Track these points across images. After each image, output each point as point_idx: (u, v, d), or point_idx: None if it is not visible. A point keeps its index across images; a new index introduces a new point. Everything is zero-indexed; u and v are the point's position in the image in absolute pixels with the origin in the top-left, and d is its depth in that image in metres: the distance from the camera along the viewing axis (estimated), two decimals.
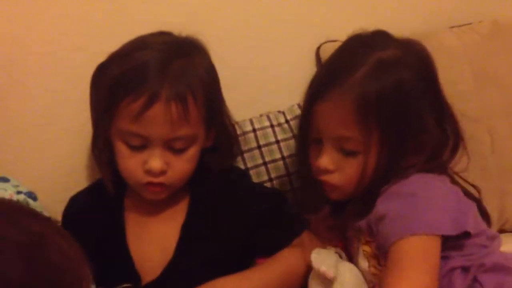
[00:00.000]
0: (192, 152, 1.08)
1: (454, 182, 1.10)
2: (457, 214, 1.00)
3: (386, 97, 1.00)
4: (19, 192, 1.09)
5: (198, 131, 1.07)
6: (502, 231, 1.31)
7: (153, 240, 1.12)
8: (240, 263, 1.13)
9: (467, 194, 1.09)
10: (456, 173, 1.12)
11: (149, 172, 1.05)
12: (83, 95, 1.12)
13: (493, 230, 1.15)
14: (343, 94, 1.00)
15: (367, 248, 1.06)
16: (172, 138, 1.04)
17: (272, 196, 1.20)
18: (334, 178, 1.06)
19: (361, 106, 0.99)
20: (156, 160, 1.04)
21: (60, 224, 1.14)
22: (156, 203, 1.13)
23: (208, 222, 1.12)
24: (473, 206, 1.06)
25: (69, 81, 1.21)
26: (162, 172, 1.05)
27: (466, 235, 1.00)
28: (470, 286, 0.99)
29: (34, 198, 1.11)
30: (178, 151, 1.06)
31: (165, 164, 1.05)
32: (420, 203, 1.00)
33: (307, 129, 1.10)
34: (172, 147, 1.05)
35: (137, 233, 1.13)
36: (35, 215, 0.71)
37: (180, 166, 1.07)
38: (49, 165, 1.22)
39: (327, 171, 1.06)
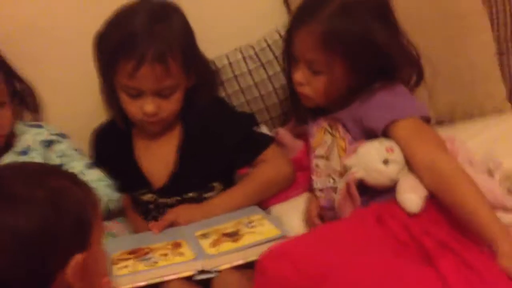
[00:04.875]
0: (177, 95, 1.39)
1: None
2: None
3: (346, 33, 1.25)
4: (51, 134, 1.43)
5: (179, 80, 1.37)
6: None
7: (157, 158, 1.47)
8: (225, 171, 1.48)
9: None
10: None
11: (145, 114, 1.38)
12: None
13: None
14: (313, 27, 1.27)
15: (341, 143, 1.31)
16: (159, 89, 1.35)
17: (247, 118, 1.52)
18: (305, 90, 1.34)
19: (326, 38, 1.26)
20: (149, 105, 1.36)
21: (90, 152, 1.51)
22: (156, 131, 1.46)
23: (198, 141, 1.45)
24: None
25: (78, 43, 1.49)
26: (155, 114, 1.38)
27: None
28: None
29: (64, 136, 1.46)
30: (166, 96, 1.37)
31: (157, 107, 1.37)
32: (400, 94, 1.28)
33: (288, 51, 1.38)
34: (160, 94, 1.37)
35: (144, 154, 1.48)
36: (52, 171, 0.95)
37: (169, 107, 1.39)
38: (74, 110, 1.55)
39: (300, 84, 1.34)
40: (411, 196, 1.14)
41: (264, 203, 1.44)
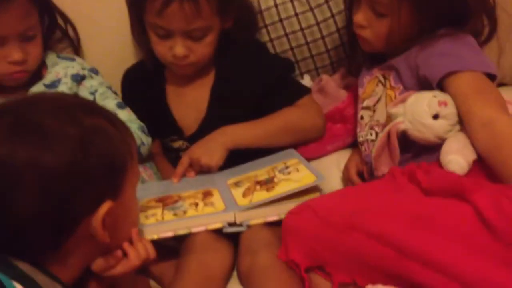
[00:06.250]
0: (210, 38, 1.28)
1: None
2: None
3: None
4: (83, 69, 1.35)
5: (211, 22, 1.26)
6: None
7: (189, 103, 1.38)
8: (257, 118, 1.36)
9: None
10: None
11: (174, 56, 1.28)
12: None
13: None
14: None
15: (391, 93, 1.21)
16: (189, 30, 1.25)
17: (283, 64, 1.42)
18: (366, 33, 1.23)
19: None
20: (178, 47, 1.26)
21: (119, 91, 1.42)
22: (188, 74, 1.36)
23: (231, 85, 1.35)
24: None
25: None
26: (185, 56, 1.27)
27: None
28: None
29: (96, 72, 1.38)
30: (197, 39, 1.27)
31: (187, 49, 1.27)
32: (467, 44, 1.16)
33: None
34: (191, 36, 1.26)
35: (176, 98, 1.39)
36: (89, 108, 0.87)
37: (200, 50, 1.29)
38: (107, 45, 1.45)
39: (361, 27, 1.24)
40: (457, 158, 1.03)
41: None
